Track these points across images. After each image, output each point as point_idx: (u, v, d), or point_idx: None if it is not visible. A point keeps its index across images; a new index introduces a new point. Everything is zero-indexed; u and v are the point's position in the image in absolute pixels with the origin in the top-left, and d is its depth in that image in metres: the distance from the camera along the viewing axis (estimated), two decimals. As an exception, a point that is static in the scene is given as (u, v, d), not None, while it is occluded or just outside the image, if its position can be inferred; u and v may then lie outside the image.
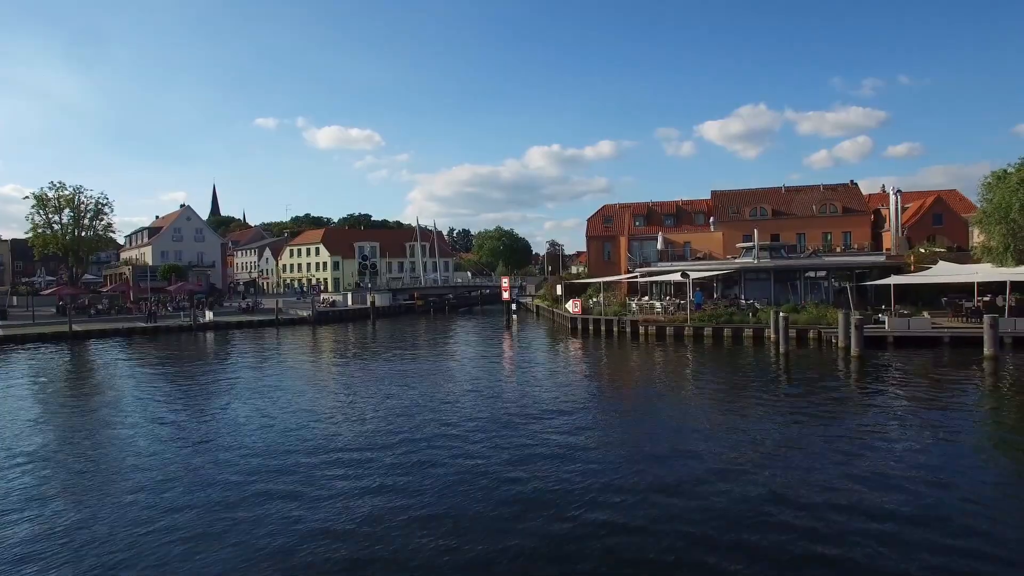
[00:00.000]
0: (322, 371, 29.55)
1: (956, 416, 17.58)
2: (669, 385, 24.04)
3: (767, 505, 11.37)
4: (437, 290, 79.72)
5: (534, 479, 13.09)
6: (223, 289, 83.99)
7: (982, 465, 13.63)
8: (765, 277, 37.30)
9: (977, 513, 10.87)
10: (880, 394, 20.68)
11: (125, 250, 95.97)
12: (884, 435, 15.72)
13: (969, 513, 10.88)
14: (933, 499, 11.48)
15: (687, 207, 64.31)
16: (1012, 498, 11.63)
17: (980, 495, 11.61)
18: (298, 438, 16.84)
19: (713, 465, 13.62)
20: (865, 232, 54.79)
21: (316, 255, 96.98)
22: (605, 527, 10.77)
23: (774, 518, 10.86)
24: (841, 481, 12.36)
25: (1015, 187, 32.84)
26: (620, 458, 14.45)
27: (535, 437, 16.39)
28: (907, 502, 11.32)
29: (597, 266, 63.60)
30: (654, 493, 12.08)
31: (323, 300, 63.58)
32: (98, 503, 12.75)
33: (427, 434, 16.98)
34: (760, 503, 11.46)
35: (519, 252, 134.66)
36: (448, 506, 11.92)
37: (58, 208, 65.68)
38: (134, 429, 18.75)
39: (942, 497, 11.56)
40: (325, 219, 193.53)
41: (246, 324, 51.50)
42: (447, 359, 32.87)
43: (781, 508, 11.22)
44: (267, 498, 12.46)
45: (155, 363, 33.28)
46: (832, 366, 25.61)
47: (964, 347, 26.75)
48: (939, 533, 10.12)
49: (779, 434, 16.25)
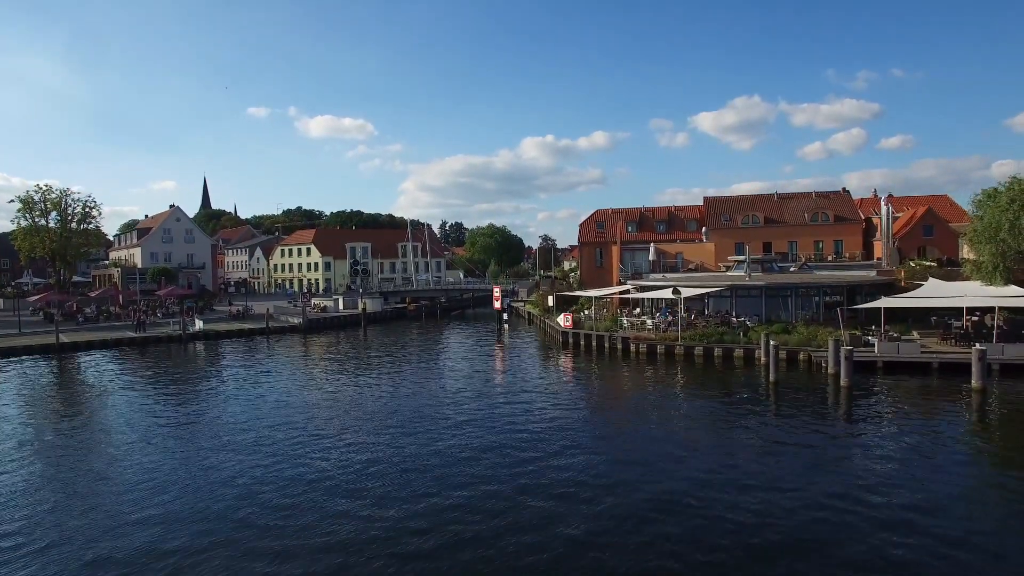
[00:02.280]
0: (312, 390, 29.43)
1: (937, 462, 17.55)
2: (654, 412, 24.15)
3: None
4: (429, 292, 79.49)
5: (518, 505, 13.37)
6: (214, 291, 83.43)
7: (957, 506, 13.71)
8: (756, 294, 37.29)
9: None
10: (863, 434, 20.68)
11: (114, 249, 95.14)
12: (863, 480, 15.69)
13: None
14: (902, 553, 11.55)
15: (679, 213, 64.26)
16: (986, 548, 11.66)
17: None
18: (288, 472, 17.04)
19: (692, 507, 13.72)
20: (857, 241, 54.95)
21: (308, 255, 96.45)
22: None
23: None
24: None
25: (1005, 206, 32.94)
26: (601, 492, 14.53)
27: (524, 469, 17.11)
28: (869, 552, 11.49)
29: (589, 272, 63.52)
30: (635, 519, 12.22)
31: (314, 306, 63.21)
32: (92, 527, 13.37)
33: (417, 464, 17.70)
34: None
35: (512, 249, 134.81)
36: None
37: (44, 212, 64.90)
38: (126, 455, 19.24)
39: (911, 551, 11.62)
40: (317, 212, 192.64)
41: (236, 333, 51.13)
42: (437, 376, 32.74)
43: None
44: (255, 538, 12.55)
45: (144, 381, 32.95)
46: (820, 396, 25.60)
47: (952, 374, 26.83)
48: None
49: (754, 468, 16.72)
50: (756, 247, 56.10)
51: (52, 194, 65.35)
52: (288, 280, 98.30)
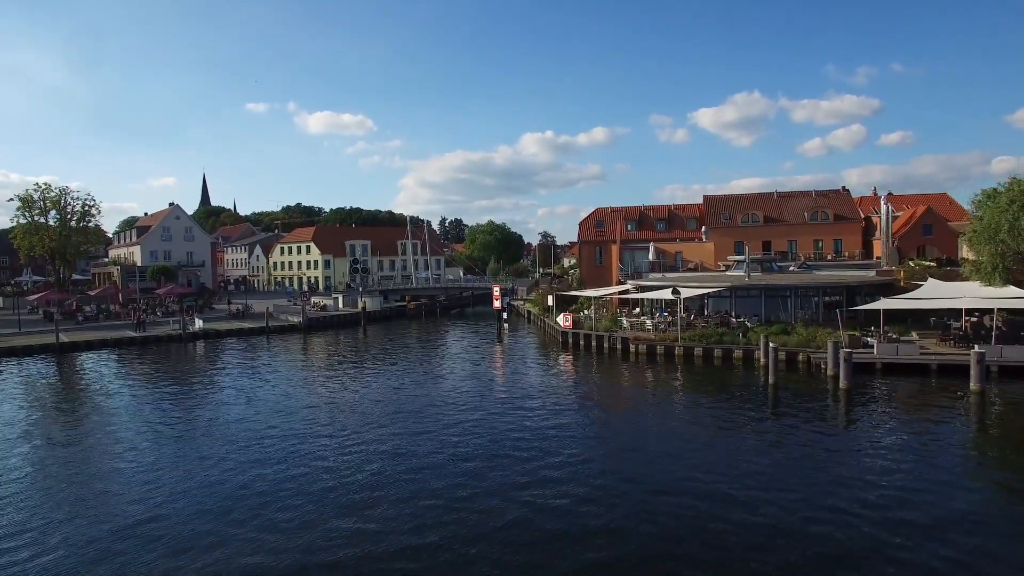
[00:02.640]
0: (312, 393, 29.46)
1: (932, 463, 17.59)
2: (652, 413, 24.42)
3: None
4: (428, 291, 79.50)
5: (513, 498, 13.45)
6: (213, 288, 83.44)
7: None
8: (756, 294, 37.33)
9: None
10: (862, 435, 20.75)
11: (113, 247, 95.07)
12: (858, 482, 15.74)
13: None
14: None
15: (679, 212, 64.26)
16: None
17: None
18: (290, 471, 17.18)
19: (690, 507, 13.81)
20: (856, 240, 54.96)
21: (307, 253, 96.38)
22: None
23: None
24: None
25: (1004, 207, 32.93)
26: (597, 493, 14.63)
27: (521, 470, 17.25)
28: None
29: (589, 270, 63.54)
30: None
31: (314, 304, 63.22)
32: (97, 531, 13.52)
33: (416, 463, 17.92)
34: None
35: (511, 246, 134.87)
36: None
37: (44, 211, 64.82)
38: (129, 455, 19.67)
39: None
40: (316, 208, 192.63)
41: (236, 332, 51.17)
42: (437, 378, 32.77)
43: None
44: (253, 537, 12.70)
45: (146, 382, 33.03)
46: (819, 398, 25.60)
47: (951, 376, 26.89)
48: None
49: (750, 469, 16.91)
50: (756, 246, 56.13)
51: (51, 192, 65.26)
52: (288, 278, 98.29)
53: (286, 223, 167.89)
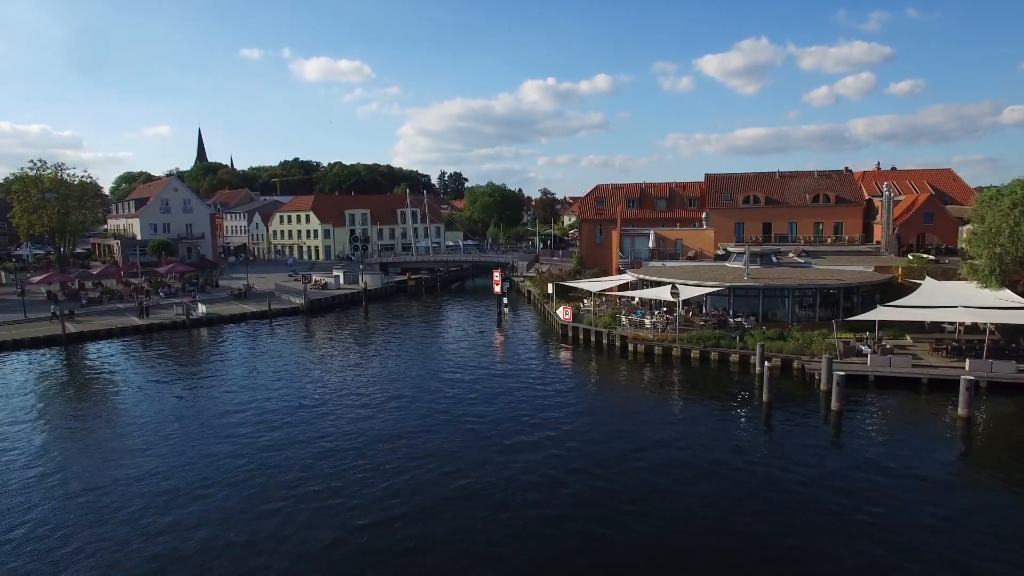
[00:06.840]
0: (317, 382, 32.62)
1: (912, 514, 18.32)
2: (645, 415, 26.55)
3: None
4: (428, 263, 79.79)
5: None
6: (214, 260, 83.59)
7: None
8: (754, 293, 37.66)
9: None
10: (848, 473, 21.42)
11: (112, 216, 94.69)
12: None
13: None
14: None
15: (680, 190, 63.92)
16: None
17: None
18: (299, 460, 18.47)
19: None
20: (857, 223, 54.89)
21: (307, 222, 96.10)
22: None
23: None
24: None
25: (1006, 211, 32.88)
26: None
27: (515, 460, 19.31)
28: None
29: (589, 248, 63.70)
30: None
31: (314, 282, 63.56)
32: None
33: (419, 453, 20.94)
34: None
35: (511, 207, 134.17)
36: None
37: (41, 191, 64.38)
38: (144, 446, 23.05)
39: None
40: (315, 163, 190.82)
41: (239, 317, 51.71)
42: (439, 369, 35.09)
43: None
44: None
45: (154, 374, 35.00)
46: (812, 416, 26.18)
47: (941, 391, 27.49)
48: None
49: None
50: (756, 228, 56.17)
51: (47, 169, 64.74)
52: (288, 247, 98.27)
53: (284, 179, 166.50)
